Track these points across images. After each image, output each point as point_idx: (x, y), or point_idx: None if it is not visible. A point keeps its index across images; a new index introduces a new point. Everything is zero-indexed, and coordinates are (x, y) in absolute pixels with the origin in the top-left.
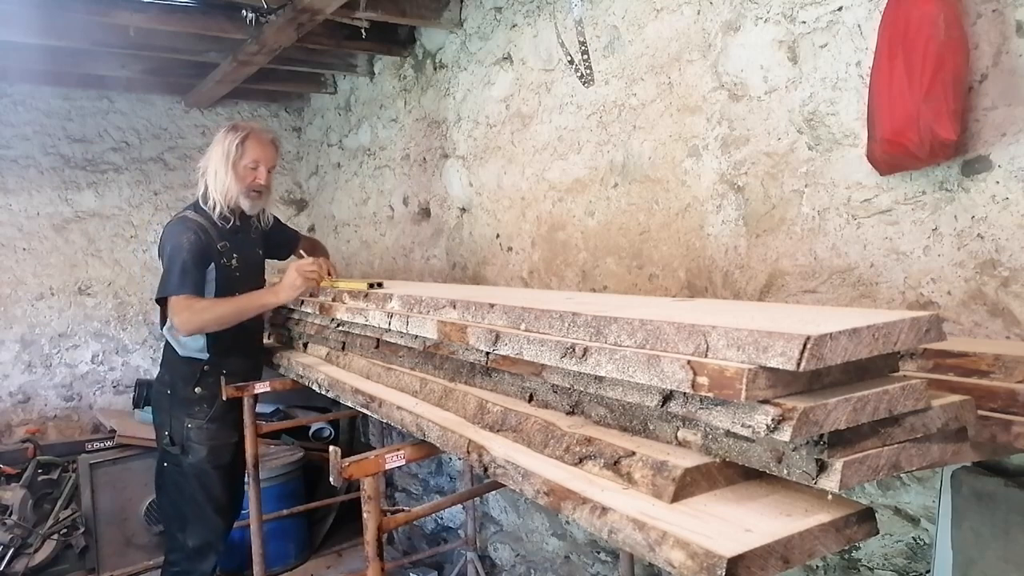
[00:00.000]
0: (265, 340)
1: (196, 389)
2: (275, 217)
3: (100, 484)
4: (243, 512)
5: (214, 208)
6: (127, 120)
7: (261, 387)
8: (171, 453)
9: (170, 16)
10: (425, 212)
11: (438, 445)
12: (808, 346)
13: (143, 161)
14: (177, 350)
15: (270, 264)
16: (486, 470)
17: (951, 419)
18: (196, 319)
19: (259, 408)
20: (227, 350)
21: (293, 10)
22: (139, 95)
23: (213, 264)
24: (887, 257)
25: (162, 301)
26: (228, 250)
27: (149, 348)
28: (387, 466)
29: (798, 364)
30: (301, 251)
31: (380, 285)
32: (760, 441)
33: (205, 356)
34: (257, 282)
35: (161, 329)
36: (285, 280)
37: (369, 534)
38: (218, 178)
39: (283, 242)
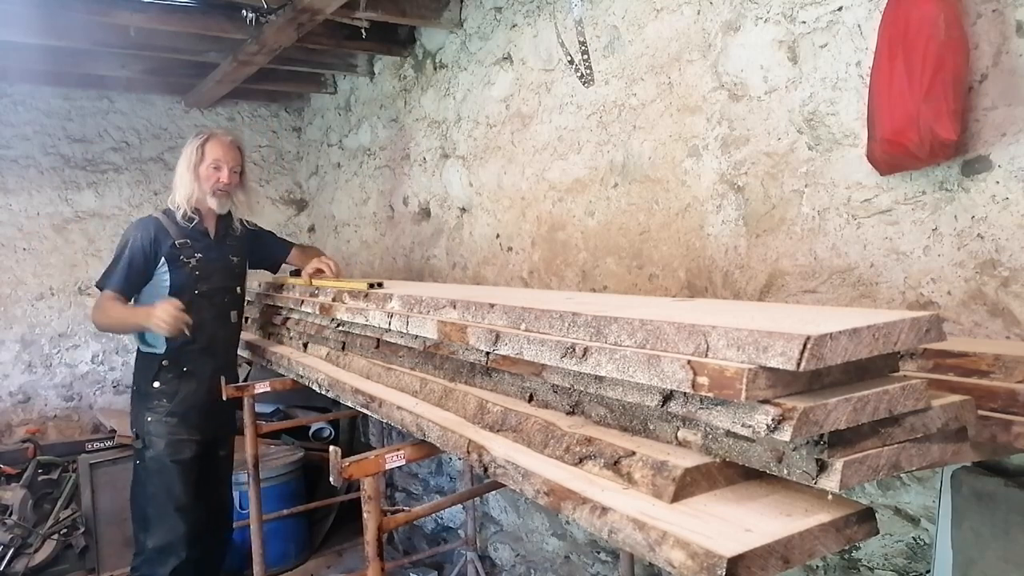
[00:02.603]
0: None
1: (155, 383)
2: (262, 229)
3: (100, 484)
4: (243, 512)
5: (178, 210)
6: (127, 120)
7: (261, 387)
8: (136, 448)
9: (170, 16)
10: (425, 212)
11: (438, 445)
12: (808, 346)
13: (143, 161)
14: (140, 345)
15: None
16: (486, 470)
17: (951, 419)
18: (95, 316)
19: (259, 408)
20: (183, 346)
21: (293, 10)
22: (139, 95)
23: (164, 260)
24: (887, 257)
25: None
26: (187, 248)
27: None
28: (387, 466)
29: (798, 364)
30: (293, 262)
31: (380, 285)
32: (760, 441)
33: (161, 351)
34: (222, 284)
35: None
36: (155, 312)
37: (369, 534)
38: (183, 183)
39: (267, 254)
